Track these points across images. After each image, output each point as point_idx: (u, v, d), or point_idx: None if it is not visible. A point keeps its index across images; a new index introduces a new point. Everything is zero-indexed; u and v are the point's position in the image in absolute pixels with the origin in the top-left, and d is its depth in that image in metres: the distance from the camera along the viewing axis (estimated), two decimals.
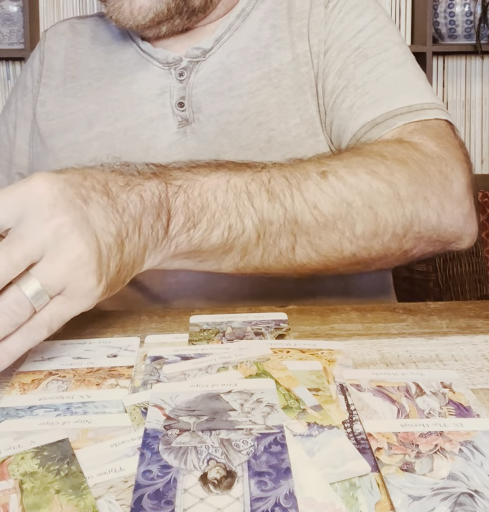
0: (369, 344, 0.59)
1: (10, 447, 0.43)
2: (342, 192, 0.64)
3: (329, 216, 0.63)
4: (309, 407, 0.47)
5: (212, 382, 0.50)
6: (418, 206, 0.67)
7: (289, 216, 0.62)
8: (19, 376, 0.53)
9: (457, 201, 0.70)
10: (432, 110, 0.78)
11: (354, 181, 0.65)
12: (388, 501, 0.37)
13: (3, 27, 2.16)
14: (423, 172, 0.68)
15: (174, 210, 0.57)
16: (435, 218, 0.68)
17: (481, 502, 0.37)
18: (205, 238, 0.59)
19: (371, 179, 0.66)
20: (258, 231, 0.61)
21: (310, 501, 0.37)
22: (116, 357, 0.56)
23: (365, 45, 0.84)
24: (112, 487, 0.39)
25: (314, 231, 0.63)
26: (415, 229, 0.67)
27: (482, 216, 1.76)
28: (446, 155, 0.71)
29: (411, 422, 0.45)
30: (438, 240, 0.70)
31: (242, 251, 0.61)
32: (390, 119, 0.77)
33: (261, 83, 0.85)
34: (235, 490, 0.37)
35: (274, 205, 0.61)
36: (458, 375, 0.52)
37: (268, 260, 0.63)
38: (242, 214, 0.60)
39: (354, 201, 0.64)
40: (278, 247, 0.62)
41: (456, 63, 2.26)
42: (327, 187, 0.64)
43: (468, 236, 0.73)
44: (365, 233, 0.65)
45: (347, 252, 0.66)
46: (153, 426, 0.44)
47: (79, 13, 2.23)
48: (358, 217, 0.65)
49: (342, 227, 0.64)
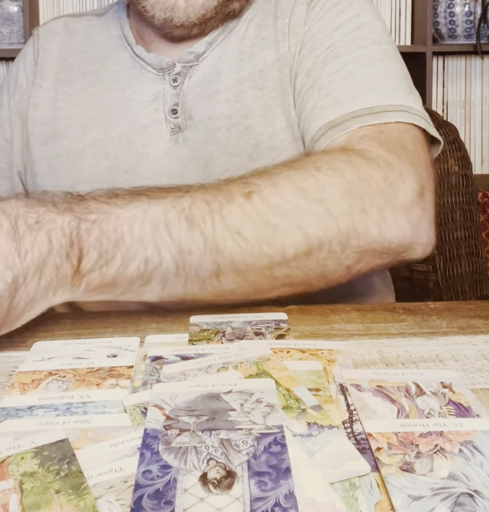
0: (369, 344, 0.59)
1: (10, 447, 0.43)
2: (266, 214, 0.61)
3: (253, 241, 0.60)
4: (309, 407, 0.47)
5: (212, 382, 0.50)
6: (354, 219, 0.63)
7: (210, 244, 0.59)
8: (19, 376, 0.53)
9: (402, 210, 0.66)
10: (396, 112, 0.74)
11: (279, 202, 0.61)
12: (388, 501, 0.37)
13: (3, 27, 2.16)
14: (362, 181, 0.65)
15: (86, 248, 0.56)
16: (376, 231, 0.64)
17: (481, 502, 0.37)
18: (120, 273, 0.57)
19: (298, 198, 0.62)
20: (177, 262, 0.58)
21: (310, 501, 0.37)
22: (116, 357, 0.56)
23: (338, 43, 0.81)
24: (112, 487, 0.39)
25: (238, 258, 0.60)
26: (354, 243, 0.64)
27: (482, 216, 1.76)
28: (395, 160, 0.68)
29: (411, 422, 0.45)
30: (384, 252, 0.66)
31: (162, 282, 0.59)
32: (347, 122, 0.75)
33: (246, 84, 0.83)
34: (235, 490, 0.37)
35: (193, 234, 0.58)
36: (458, 375, 0.52)
37: (192, 289, 0.61)
38: (159, 247, 0.58)
39: (280, 223, 0.61)
40: (201, 276, 0.60)
41: (456, 63, 2.26)
42: (251, 210, 0.61)
43: (420, 245, 0.68)
44: (298, 254, 0.62)
45: (278, 274, 0.62)
46: (153, 426, 0.44)
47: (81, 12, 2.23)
48: (287, 240, 0.61)
49: (270, 252, 0.61)
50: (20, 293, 0.54)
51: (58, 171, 0.88)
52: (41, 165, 0.90)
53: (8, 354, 0.58)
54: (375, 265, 0.67)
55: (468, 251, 1.14)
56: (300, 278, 0.64)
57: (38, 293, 0.55)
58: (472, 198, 1.14)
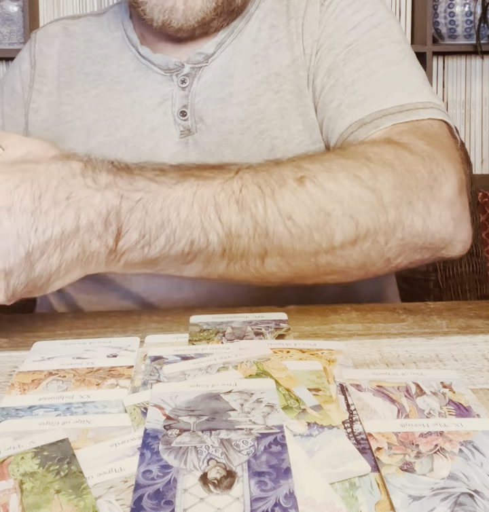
0: (369, 344, 0.59)
1: (10, 447, 0.43)
2: (320, 200, 0.60)
3: (304, 227, 0.59)
4: (309, 407, 0.47)
5: (212, 382, 0.50)
6: (401, 211, 0.63)
7: (260, 229, 0.58)
8: (19, 376, 0.53)
9: (446, 204, 0.65)
10: (426, 109, 0.75)
11: (334, 188, 0.61)
12: (388, 501, 0.37)
13: (3, 27, 2.16)
14: (410, 174, 0.64)
15: (125, 227, 0.54)
16: (421, 224, 0.64)
17: (481, 502, 0.37)
18: (163, 254, 0.56)
19: (353, 185, 0.61)
20: (223, 245, 0.57)
21: (310, 501, 0.37)
22: (116, 357, 0.56)
23: (357, 42, 0.80)
24: (112, 487, 0.39)
25: (287, 243, 0.59)
26: (398, 236, 0.63)
27: (482, 217, 1.76)
28: (437, 154, 0.68)
29: (411, 422, 0.45)
30: (425, 247, 0.65)
31: (205, 262, 0.58)
32: (379, 119, 0.74)
33: (261, 88, 0.83)
34: (235, 490, 0.37)
35: (243, 217, 0.57)
36: (458, 375, 0.52)
37: (234, 269, 0.60)
38: (206, 230, 0.56)
39: (333, 209, 0.60)
40: (246, 259, 0.59)
41: (456, 63, 2.26)
42: (304, 195, 0.59)
43: (460, 242, 0.68)
44: (344, 243, 0.61)
45: (322, 261, 0.62)
46: (153, 426, 0.44)
47: (79, 14, 2.23)
48: (338, 227, 0.60)
49: (319, 238, 0.60)
50: (38, 266, 0.53)
51: None
52: None
53: (8, 354, 0.58)
54: (414, 259, 0.66)
55: (469, 251, 1.14)
56: (342, 267, 0.63)
57: (62, 267, 0.54)
58: (472, 198, 1.14)
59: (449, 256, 0.68)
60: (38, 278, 0.54)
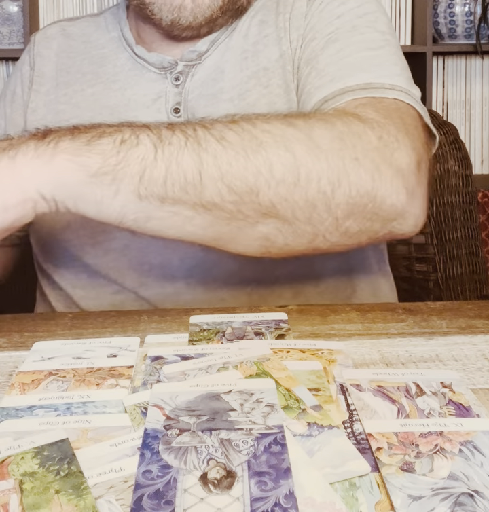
0: (369, 344, 0.59)
1: (10, 447, 0.43)
2: (252, 131, 0.59)
3: (237, 146, 0.58)
4: (309, 407, 0.47)
5: (212, 382, 0.50)
6: (345, 162, 0.60)
7: (192, 140, 0.58)
8: (19, 376, 0.53)
9: (398, 171, 0.63)
10: (394, 91, 0.71)
11: (267, 126, 0.60)
12: (388, 501, 0.37)
13: (3, 27, 2.16)
14: (354, 134, 0.62)
15: (53, 132, 0.58)
16: (369, 183, 0.61)
17: (481, 502, 0.37)
18: (92, 140, 0.57)
19: (286, 128, 0.60)
20: (155, 146, 0.57)
21: (310, 501, 0.37)
22: (116, 357, 0.56)
23: (338, 30, 0.79)
24: (112, 487, 0.39)
25: (221, 155, 0.57)
26: (346, 190, 0.60)
27: (482, 216, 1.76)
28: (391, 126, 0.65)
29: (411, 422, 0.45)
30: (375, 212, 0.62)
31: (140, 168, 0.56)
32: (341, 95, 0.73)
33: (251, 83, 0.83)
34: (235, 490, 0.37)
35: (173, 131, 0.58)
36: (458, 375, 0.52)
37: (173, 188, 0.57)
38: (137, 132, 0.58)
39: (266, 141, 0.59)
40: (182, 172, 0.57)
41: (456, 63, 2.26)
42: (236, 127, 0.59)
43: (412, 216, 0.65)
44: (285, 178, 0.58)
45: (264, 198, 0.59)
46: (153, 426, 0.44)
47: (79, 14, 2.23)
48: (274, 157, 0.58)
49: (256, 162, 0.58)
50: None
51: None
52: None
53: (8, 354, 0.58)
54: (364, 226, 0.63)
55: (468, 251, 1.14)
56: (286, 215, 0.60)
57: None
58: (472, 198, 1.14)
59: (401, 232, 0.66)
60: None
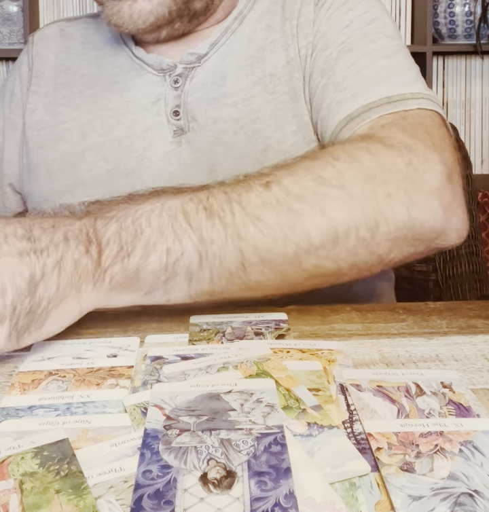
0: (369, 344, 0.59)
1: (10, 447, 0.43)
2: (286, 201, 0.60)
3: (275, 226, 0.59)
4: (309, 407, 0.47)
5: (212, 382, 0.50)
6: (380, 203, 0.62)
7: (231, 231, 0.58)
8: (19, 376, 0.53)
9: (432, 193, 0.64)
10: (416, 100, 0.73)
11: (299, 190, 0.61)
12: (388, 501, 0.37)
13: (3, 27, 2.16)
14: (382, 167, 0.63)
15: (105, 242, 0.56)
16: (405, 214, 0.62)
17: (481, 502, 0.37)
18: (141, 265, 0.57)
19: (317, 185, 0.61)
20: (199, 251, 0.57)
21: (310, 501, 0.37)
22: (116, 357, 0.56)
23: (349, 39, 0.80)
24: (112, 487, 0.39)
25: (261, 244, 0.59)
26: (384, 229, 0.62)
27: (482, 216, 1.76)
28: (419, 145, 0.66)
29: (411, 422, 0.45)
30: (416, 238, 0.64)
31: (187, 275, 0.58)
32: (366, 113, 0.74)
33: (256, 89, 0.83)
34: (235, 490, 0.37)
35: (213, 222, 0.58)
36: (458, 375, 0.52)
37: (220, 282, 0.59)
38: (179, 235, 0.57)
39: (301, 208, 0.60)
40: (227, 267, 0.58)
41: (456, 63, 2.26)
42: (270, 198, 0.60)
43: (453, 230, 0.66)
44: (324, 241, 0.60)
45: (307, 264, 0.61)
46: (153, 426, 0.44)
47: (79, 14, 2.23)
48: (311, 224, 0.60)
49: (294, 237, 0.59)
50: (40, 288, 0.54)
51: (56, 175, 0.87)
52: (39, 170, 0.89)
53: (8, 354, 0.58)
54: (408, 253, 0.65)
55: (468, 251, 1.14)
56: (331, 269, 0.62)
57: (60, 289, 0.55)
58: (472, 198, 1.14)
59: (446, 245, 0.67)
60: (38, 303, 0.54)
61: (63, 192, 0.86)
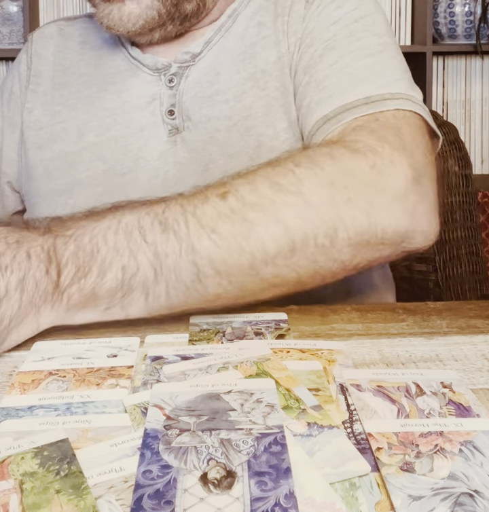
0: (369, 344, 0.59)
1: (10, 447, 0.43)
2: (241, 211, 0.59)
3: (230, 238, 0.58)
4: (309, 407, 0.47)
5: (212, 382, 0.50)
6: (338, 209, 0.61)
7: (185, 245, 0.58)
8: (19, 376, 0.53)
9: (395, 196, 0.63)
10: (395, 100, 0.72)
11: (255, 199, 0.60)
12: (388, 501, 0.37)
13: (3, 27, 2.16)
14: (345, 172, 0.63)
15: (64, 263, 0.57)
16: (365, 220, 0.61)
17: (481, 502, 0.37)
18: (98, 284, 0.57)
19: (274, 193, 0.60)
20: (154, 266, 0.57)
21: (310, 501, 0.37)
22: (116, 357, 0.56)
23: (335, 37, 0.79)
24: (112, 487, 0.39)
25: (216, 256, 0.58)
26: (344, 236, 0.61)
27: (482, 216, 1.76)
28: (385, 147, 0.65)
29: (411, 422, 0.45)
30: (380, 243, 0.63)
31: (144, 291, 0.58)
32: (342, 114, 0.73)
33: (247, 85, 0.83)
34: (235, 490, 0.37)
35: (167, 236, 0.58)
36: (458, 375, 0.52)
37: (177, 297, 0.59)
38: (134, 252, 0.57)
39: (256, 218, 0.59)
40: (182, 281, 0.58)
41: (456, 63, 2.26)
42: (225, 209, 0.59)
43: (420, 233, 0.65)
44: (281, 250, 0.59)
45: (264, 274, 0.60)
46: (153, 426, 0.44)
47: (78, 14, 2.23)
48: (266, 234, 0.59)
49: (249, 248, 0.59)
50: (3, 306, 0.55)
51: (53, 175, 0.87)
52: (36, 169, 0.89)
53: (8, 354, 0.58)
54: (373, 258, 0.64)
55: (468, 251, 1.14)
56: (291, 277, 0.61)
57: (21, 308, 0.56)
58: (472, 198, 1.14)
59: (412, 248, 0.66)
60: (0, 321, 0.55)
61: (60, 191, 0.87)
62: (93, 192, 0.84)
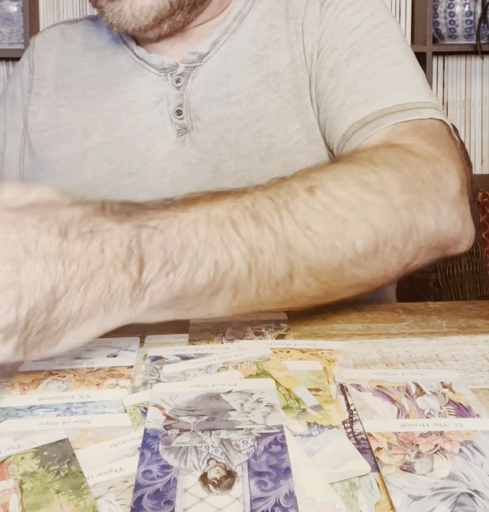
0: (369, 344, 0.59)
1: (10, 447, 0.43)
2: (334, 208, 0.58)
3: (325, 236, 0.57)
4: (309, 407, 0.47)
5: (212, 382, 0.50)
6: (413, 213, 0.62)
7: (281, 241, 0.55)
8: (19, 376, 0.53)
9: (453, 203, 0.66)
10: (427, 109, 0.75)
11: (345, 196, 0.59)
12: (388, 501, 0.37)
13: (3, 27, 2.16)
14: (416, 176, 0.64)
15: (148, 256, 0.50)
16: (433, 225, 0.63)
17: (481, 502, 0.37)
18: (188, 281, 0.51)
19: (362, 191, 0.60)
20: (249, 262, 0.53)
21: (310, 501, 0.37)
22: (116, 357, 0.56)
23: (359, 42, 0.81)
24: (112, 487, 0.39)
25: (311, 254, 0.56)
26: (415, 239, 0.62)
27: (482, 217, 1.76)
28: (440, 154, 0.68)
29: (411, 422, 0.45)
30: (437, 247, 0.65)
31: (233, 289, 0.54)
32: (381, 118, 0.75)
33: (260, 87, 0.83)
34: (235, 490, 0.37)
35: (262, 230, 0.54)
36: (458, 375, 0.52)
37: (264, 294, 0.55)
38: (228, 247, 0.53)
39: (349, 216, 0.59)
40: (274, 278, 0.55)
41: (456, 63, 2.26)
42: (317, 205, 0.58)
43: (466, 239, 0.69)
44: (366, 250, 0.59)
45: (348, 274, 0.59)
46: (153, 426, 0.44)
47: (79, 14, 2.23)
48: (357, 234, 0.59)
49: (342, 246, 0.58)
50: (60, 305, 0.47)
51: (59, 176, 0.88)
52: (42, 171, 0.90)
53: None
54: (427, 260, 0.65)
55: (469, 251, 1.14)
56: (367, 279, 0.61)
57: (83, 309, 0.48)
58: (472, 198, 1.14)
59: (456, 253, 0.69)
60: (54, 322, 0.48)
61: (66, 192, 0.86)
62: (100, 193, 0.84)
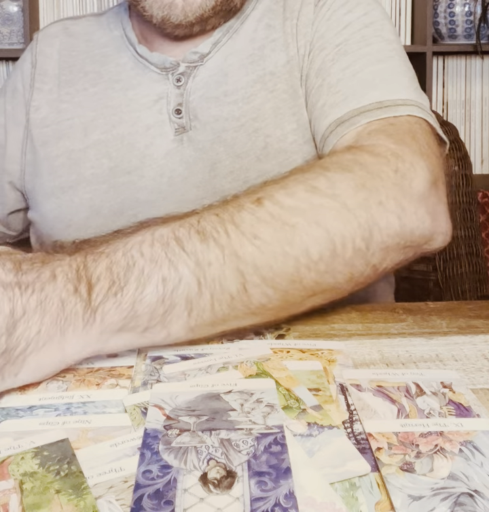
0: (369, 344, 0.59)
1: (10, 447, 0.43)
2: (281, 215, 0.57)
3: (274, 242, 0.56)
4: (309, 407, 0.47)
5: (212, 382, 0.50)
6: (373, 212, 0.61)
7: (228, 252, 0.54)
8: None
9: (419, 199, 0.64)
10: (406, 106, 0.74)
11: (293, 202, 0.59)
12: (388, 501, 0.37)
13: (3, 27, 2.16)
14: (372, 175, 0.63)
15: (95, 278, 0.51)
16: (397, 223, 0.62)
17: (481, 502, 0.37)
18: (137, 299, 0.52)
19: (311, 196, 0.59)
20: (197, 276, 0.53)
21: (310, 501, 0.37)
22: (116, 357, 0.56)
23: (347, 41, 0.80)
24: (112, 487, 0.39)
25: (261, 262, 0.56)
26: (378, 239, 0.61)
27: (482, 216, 1.76)
28: (405, 151, 0.66)
29: (411, 422, 0.45)
30: (407, 245, 0.64)
31: (188, 305, 0.53)
32: (356, 117, 0.74)
33: (256, 87, 0.83)
34: (235, 490, 0.37)
35: (208, 244, 0.54)
36: (458, 375, 0.52)
37: (221, 309, 0.55)
38: (174, 262, 0.53)
39: (297, 222, 0.58)
40: (228, 290, 0.55)
41: (456, 63, 2.26)
42: (264, 214, 0.57)
43: (440, 234, 0.67)
44: (323, 254, 0.58)
45: (307, 281, 0.58)
46: (153, 426, 0.44)
47: (79, 14, 2.23)
48: (308, 238, 0.58)
49: (293, 252, 0.57)
50: (19, 328, 0.49)
51: (58, 172, 0.88)
52: (42, 166, 0.90)
53: None
54: (399, 261, 0.65)
55: (468, 251, 1.15)
56: (330, 284, 0.60)
57: (42, 332, 0.50)
58: (472, 198, 1.15)
59: (431, 250, 0.67)
60: (15, 344, 0.49)
61: (65, 189, 0.87)
62: (98, 189, 0.85)
